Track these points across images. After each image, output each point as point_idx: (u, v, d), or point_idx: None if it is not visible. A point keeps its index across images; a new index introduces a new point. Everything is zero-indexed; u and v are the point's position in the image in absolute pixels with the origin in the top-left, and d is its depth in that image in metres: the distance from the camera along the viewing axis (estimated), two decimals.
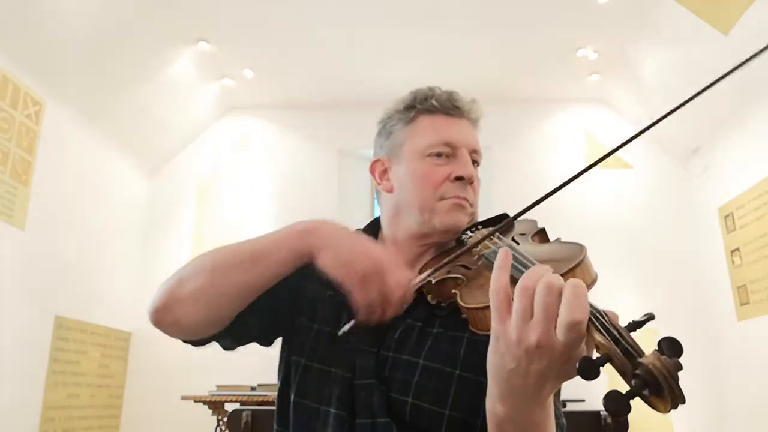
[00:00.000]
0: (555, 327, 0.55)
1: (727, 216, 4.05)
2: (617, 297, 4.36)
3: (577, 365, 0.51)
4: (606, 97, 4.82)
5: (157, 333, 0.93)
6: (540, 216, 0.92)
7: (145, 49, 3.92)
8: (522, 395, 0.61)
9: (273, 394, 1.01)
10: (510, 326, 0.58)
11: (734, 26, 3.30)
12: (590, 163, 0.65)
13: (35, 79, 3.43)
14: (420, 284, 0.80)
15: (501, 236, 0.86)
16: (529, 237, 0.88)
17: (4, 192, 3.18)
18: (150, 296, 0.86)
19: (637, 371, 0.49)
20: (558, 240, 0.83)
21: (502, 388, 0.63)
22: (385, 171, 1.02)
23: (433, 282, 0.80)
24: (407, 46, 4.20)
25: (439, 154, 0.95)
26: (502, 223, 0.76)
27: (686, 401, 0.49)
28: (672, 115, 0.64)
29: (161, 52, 4.06)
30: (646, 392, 0.49)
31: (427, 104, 0.99)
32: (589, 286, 0.65)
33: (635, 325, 0.54)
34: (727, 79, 0.65)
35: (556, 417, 0.82)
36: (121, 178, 4.46)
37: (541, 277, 0.57)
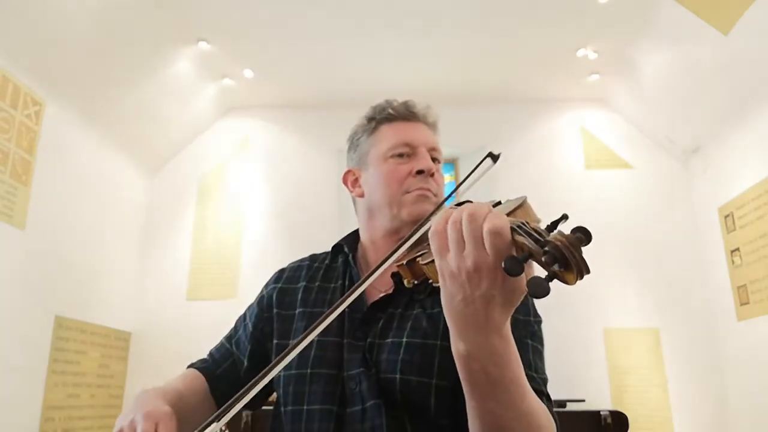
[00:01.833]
0: (486, 249, 0.61)
1: (727, 216, 4.05)
2: (617, 297, 4.36)
3: (503, 264, 0.57)
4: (606, 97, 4.82)
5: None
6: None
7: (145, 49, 3.92)
8: (475, 325, 0.65)
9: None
10: (450, 259, 0.64)
11: (734, 26, 3.30)
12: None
13: (35, 79, 3.42)
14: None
15: None
16: None
17: (4, 192, 3.18)
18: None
19: (546, 248, 0.55)
20: (507, 200, 0.91)
21: (456, 323, 0.67)
22: (356, 180, 1.12)
23: (405, 264, 0.85)
24: (407, 46, 4.20)
25: (401, 155, 1.06)
26: (450, 192, 0.84)
27: (591, 272, 0.55)
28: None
29: (161, 52, 4.06)
30: (557, 267, 0.55)
31: (385, 114, 1.10)
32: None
33: (552, 226, 0.61)
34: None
35: (538, 372, 0.90)
36: (121, 177, 4.46)
37: (464, 210, 0.63)
